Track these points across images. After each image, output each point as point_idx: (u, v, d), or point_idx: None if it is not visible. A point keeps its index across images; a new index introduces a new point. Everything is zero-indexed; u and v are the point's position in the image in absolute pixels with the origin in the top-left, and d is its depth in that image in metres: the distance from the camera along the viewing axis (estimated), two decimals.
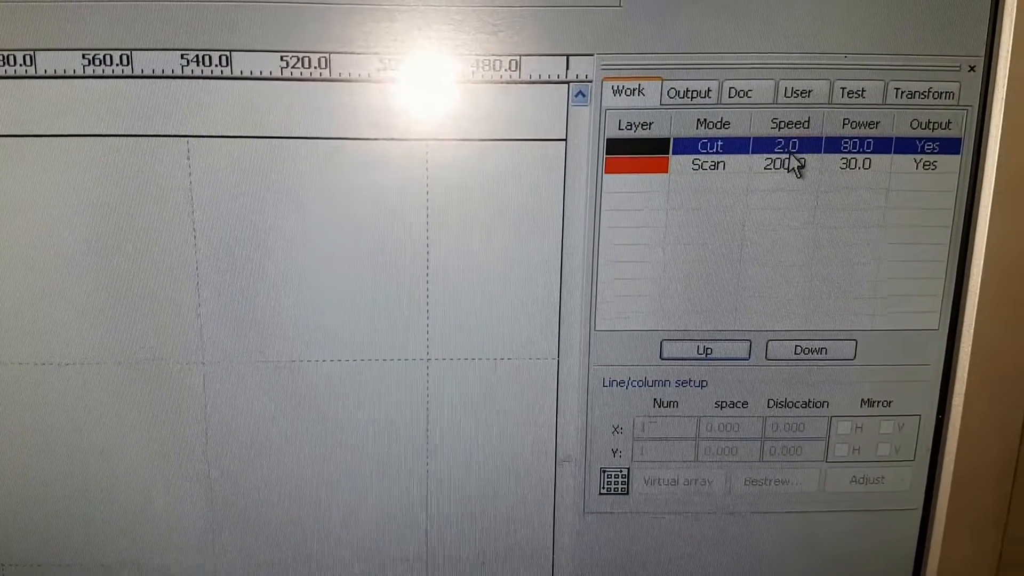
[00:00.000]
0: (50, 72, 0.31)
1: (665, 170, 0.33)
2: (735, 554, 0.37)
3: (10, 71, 0.31)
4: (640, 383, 0.35)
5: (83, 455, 0.35)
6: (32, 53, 0.31)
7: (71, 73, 0.31)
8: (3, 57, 0.31)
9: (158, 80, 0.31)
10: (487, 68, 0.32)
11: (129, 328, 0.34)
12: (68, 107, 0.31)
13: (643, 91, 0.32)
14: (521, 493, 0.36)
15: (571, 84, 0.32)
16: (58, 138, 0.32)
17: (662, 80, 0.32)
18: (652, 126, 0.32)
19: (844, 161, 0.33)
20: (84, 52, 0.31)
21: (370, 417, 0.35)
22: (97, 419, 0.35)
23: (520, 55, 0.32)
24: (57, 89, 0.31)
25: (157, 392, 0.35)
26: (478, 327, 0.34)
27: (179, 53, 0.31)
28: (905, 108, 0.33)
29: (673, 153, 0.33)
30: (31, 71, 0.31)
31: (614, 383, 0.35)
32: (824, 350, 0.35)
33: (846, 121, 0.33)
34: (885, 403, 0.35)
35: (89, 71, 0.31)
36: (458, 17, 0.31)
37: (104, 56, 0.31)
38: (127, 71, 0.31)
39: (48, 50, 0.31)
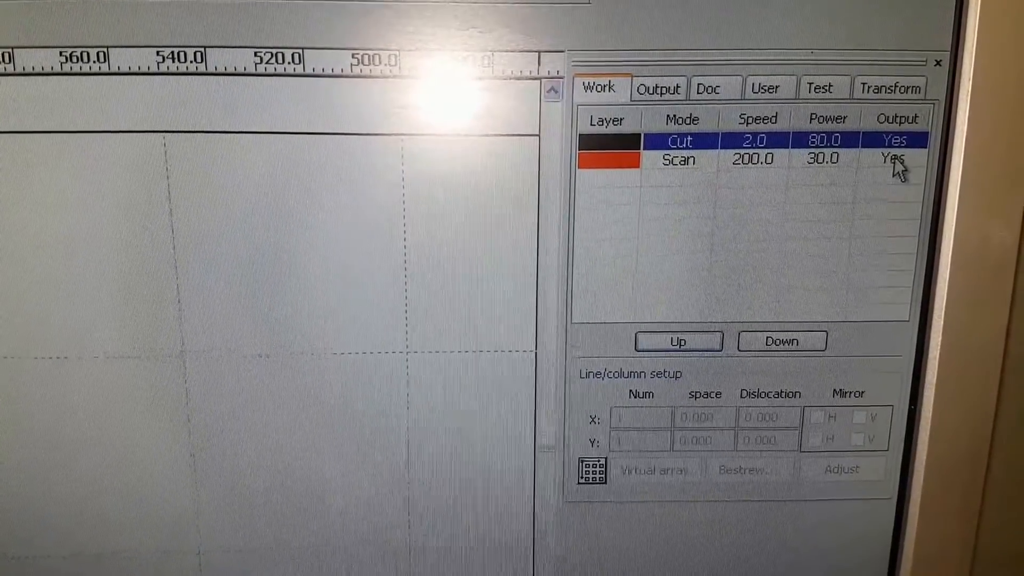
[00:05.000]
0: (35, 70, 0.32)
1: (637, 165, 0.33)
2: (712, 542, 0.37)
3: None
4: (616, 374, 0.35)
5: (76, 446, 0.36)
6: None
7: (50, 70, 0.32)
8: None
9: (133, 76, 0.32)
10: (461, 64, 0.33)
11: (112, 321, 0.35)
12: (47, 103, 0.32)
13: (613, 87, 0.33)
14: (501, 483, 0.37)
15: (543, 80, 0.33)
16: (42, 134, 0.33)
17: (631, 76, 0.33)
18: (623, 122, 0.33)
19: (812, 156, 0.33)
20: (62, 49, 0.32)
21: (350, 410, 0.36)
22: (80, 411, 0.35)
23: (493, 51, 0.32)
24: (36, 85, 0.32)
25: (140, 384, 0.35)
26: (456, 320, 0.35)
27: (155, 50, 0.32)
28: (872, 102, 0.33)
29: (644, 148, 0.33)
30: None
31: (591, 374, 0.35)
32: (795, 341, 0.35)
33: (813, 116, 0.33)
34: (857, 393, 0.36)
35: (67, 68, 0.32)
36: (429, 14, 0.32)
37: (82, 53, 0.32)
38: (104, 68, 0.32)
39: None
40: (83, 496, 0.36)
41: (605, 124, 0.33)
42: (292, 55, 0.32)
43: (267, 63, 0.32)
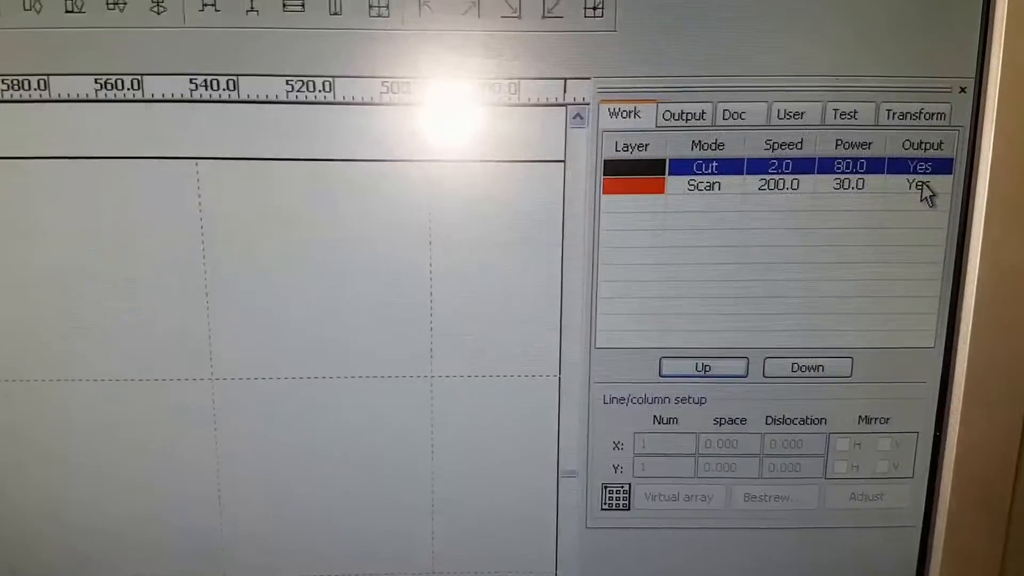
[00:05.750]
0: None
1: (662, 190, 0.33)
2: (736, 570, 0.37)
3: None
4: (640, 400, 0.35)
5: (101, 471, 0.36)
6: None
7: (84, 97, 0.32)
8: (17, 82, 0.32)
9: (168, 104, 0.32)
10: (487, 91, 0.33)
11: (139, 345, 0.35)
12: (81, 129, 0.33)
13: (639, 113, 0.33)
14: (524, 509, 0.36)
15: (569, 107, 0.33)
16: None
17: (657, 103, 0.33)
18: (648, 147, 0.33)
19: (838, 181, 0.33)
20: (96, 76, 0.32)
21: (375, 434, 0.36)
22: (103, 437, 0.36)
23: (519, 78, 0.33)
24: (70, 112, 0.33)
25: (166, 408, 0.35)
26: (480, 345, 0.35)
27: (188, 77, 0.32)
28: (897, 129, 0.33)
29: (669, 174, 0.33)
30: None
31: (614, 400, 0.35)
32: (821, 367, 0.35)
33: (839, 142, 0.33)
34: (882, 420, 0.36)
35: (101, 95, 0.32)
36: (458, 41, 0.32)
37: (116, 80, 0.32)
38: (137, 95, 0.32)
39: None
40: (110, 520, 0.36)
41: (630, 150, 0.33)
42: (323, 83, 0.32)
43: (298, 91, 0.32)
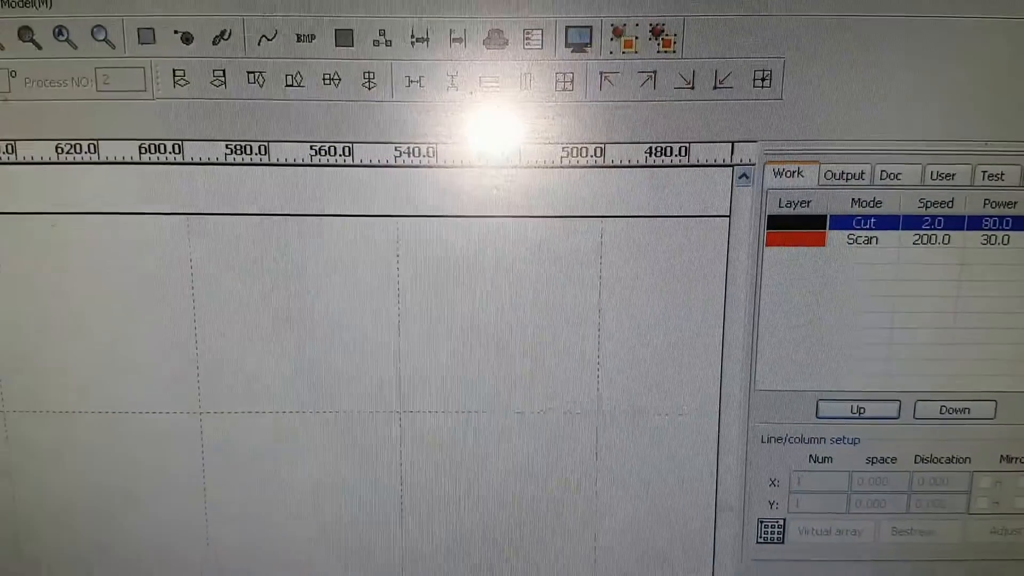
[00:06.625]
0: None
1: (823, 243, 0.36)
2: None
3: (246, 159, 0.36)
4: (797, 439, 0.38)
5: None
6: (266, 144, 0.36)
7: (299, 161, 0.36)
8: (240, 146, 0.36)
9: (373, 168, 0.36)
10: (658, 154, 0.36)
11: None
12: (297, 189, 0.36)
13: (802, 173, 0.36)
14: (683, 541, 0.39)
15: (735, 167, 0.36)
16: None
17: (819, 164, 0.36)
18: (810, 204, 0.36)
19: (985, 237, 0.36)
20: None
21: (536, 473, 0.39)
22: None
23: (689, 142, 0.36)
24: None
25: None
26: (646, 384, 0.38)
27: (393, 146, 0.36)
28: None
29: (830, 228, 0.36)
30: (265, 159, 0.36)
31: (772, 439, 0.38)
32: (967, 410, 0.37)
33: (987, 201, 0.36)
34: (1023, 460, 0.38)
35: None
36: (629, 112, 0.35)
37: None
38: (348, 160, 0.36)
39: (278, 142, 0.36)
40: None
41: (793, 206, 0.36)
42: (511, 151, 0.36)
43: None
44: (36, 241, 0.37)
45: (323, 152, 0.36)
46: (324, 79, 0.35)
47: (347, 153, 0.36)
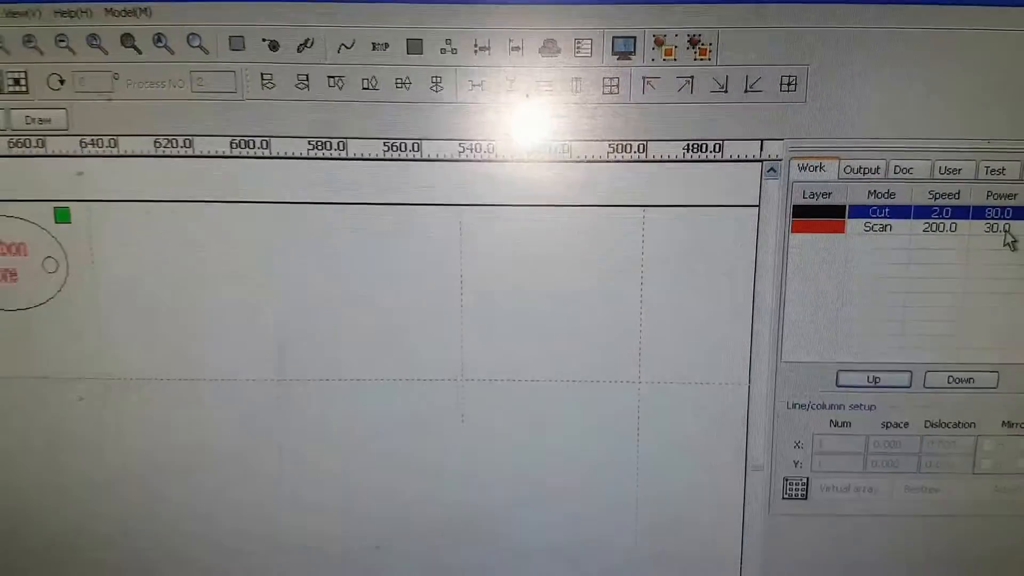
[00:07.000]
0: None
1: (842, 231, 0.40)
2: (895, 548, 0.43)
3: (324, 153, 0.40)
4: (819, 406, 0.42)
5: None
6: (343, 140, 0.40)
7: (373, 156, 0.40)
8: (319, 143, 0.40)
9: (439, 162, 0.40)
10: (695, 150, 0.40)
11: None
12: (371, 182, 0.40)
13: (824, 168, 0.40)
14: (717, 498, 0.43)
15: (764, 162, 0.40)
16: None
17: (839, 159, 0.40)
18: (831, 195, 0.40)
19: (988, 226, 0.40)
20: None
21: (584, 437, 0.43)
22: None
23: (723, 139, 0.40)
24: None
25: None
26: (684, 357, 0.42)
27: (457, 142, 0.40)
28: None
29: (848, 217, 0.40)
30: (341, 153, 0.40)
31: (796, 406, 0.42)
32: (972, 380, 0.41)
33: (989, 193, 0.40)
34: (1022, 424, 0.42)
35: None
36: (668, 110, 0.39)
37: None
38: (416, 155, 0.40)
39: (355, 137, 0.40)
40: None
41: (816, 197, 0.40)
42: (561, 147, 0.40)
43: (558, 152, 0.40)
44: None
45: (395, 148, 0.40)
46: (396, 83, 0.39)
47: (416, 149, 0.40)
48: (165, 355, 0.42)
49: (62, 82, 0.39)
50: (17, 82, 0.40)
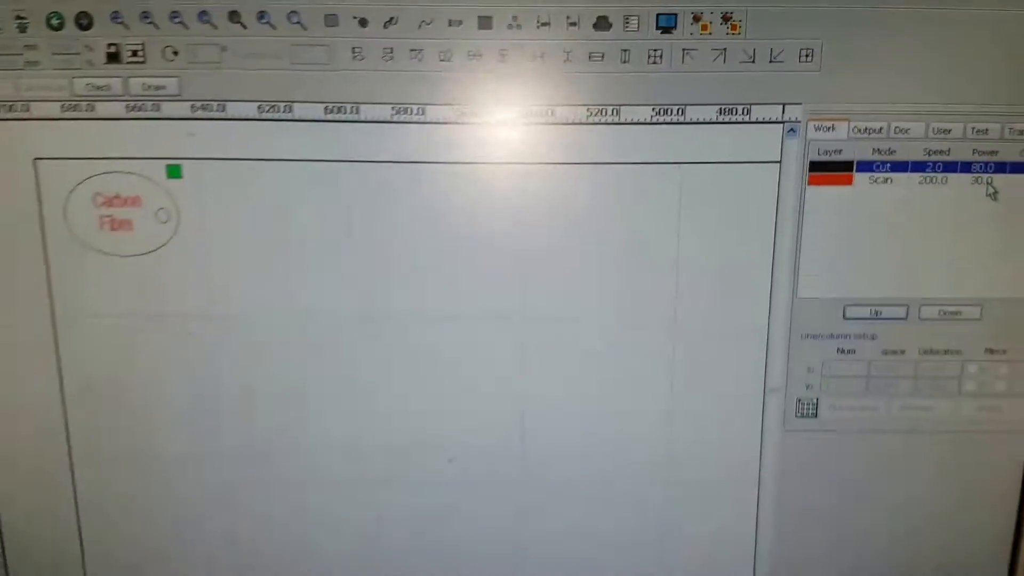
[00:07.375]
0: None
1: (851, 183, 0.47)
2: (893, 459, 0.50)
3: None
4: (828, 336, 0.48)
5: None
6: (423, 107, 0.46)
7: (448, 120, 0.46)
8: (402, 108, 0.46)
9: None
10: (727, 113, 0.46)
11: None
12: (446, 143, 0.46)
13: (835, 128, 0.46)
14: (739, 416, 0.50)
15: (785, 124, 0.46)
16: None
17: (849, 121, 0.46)
18: (842, 152, 0.46)
19: (974, 178, 0.47)
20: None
21: (617, 362, 0.49)
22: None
23: (751, 103, 0.46)
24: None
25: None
26: (713, 295, 0.48)
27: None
28: (1015, 141, 0.46)
29: (856, 171, 0.46)
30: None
31: (809, 336, 0.48)
32: (959, 312, 0.48)
33: (975, 150, 0.46)
34: (1002, 351, 0.49)
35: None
36: (711, 79, 0.46)
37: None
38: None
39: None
40: None
41: (829, 154, 0.46)
42: (612, 110, 0.46)
43: (596, 116, 0.46)
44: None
45: (469, 114, 0.46)
46: (468, 55, 0.45)
47: (487, 114, 0.46)
48: (264, 294, 0.48)
49: (176, 53, 0.45)
50: (135, 53, 0.45)
